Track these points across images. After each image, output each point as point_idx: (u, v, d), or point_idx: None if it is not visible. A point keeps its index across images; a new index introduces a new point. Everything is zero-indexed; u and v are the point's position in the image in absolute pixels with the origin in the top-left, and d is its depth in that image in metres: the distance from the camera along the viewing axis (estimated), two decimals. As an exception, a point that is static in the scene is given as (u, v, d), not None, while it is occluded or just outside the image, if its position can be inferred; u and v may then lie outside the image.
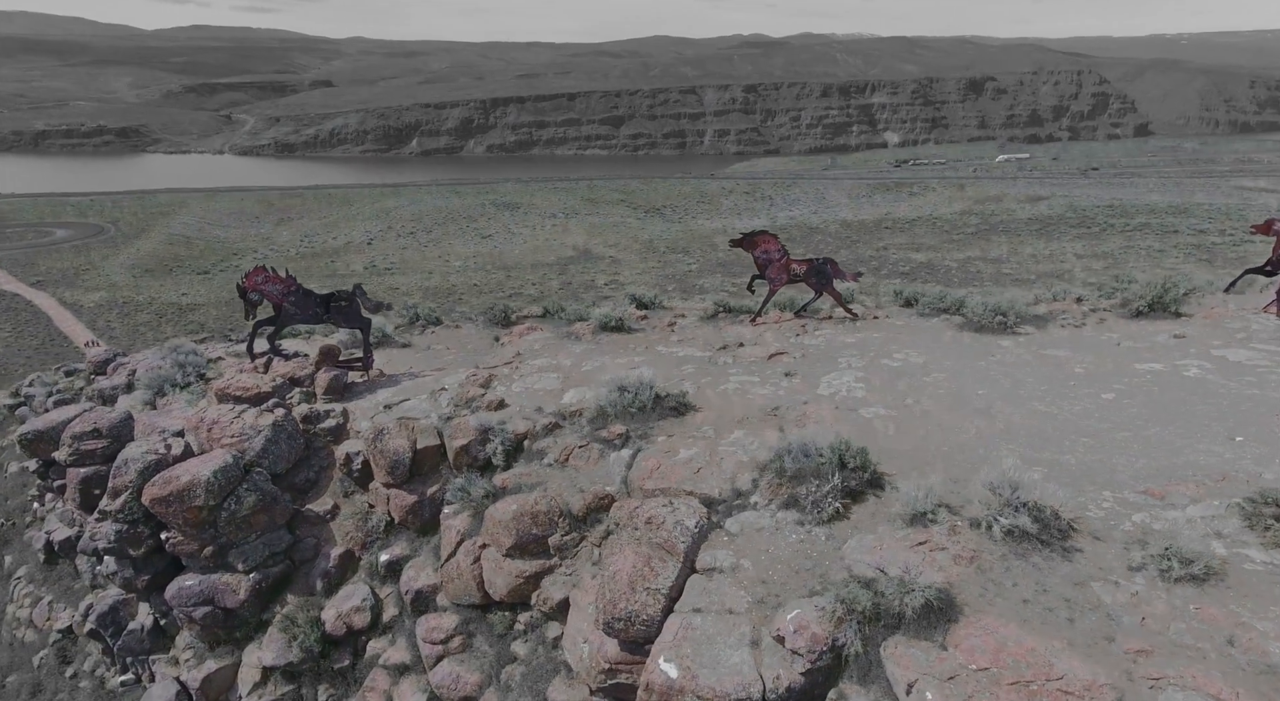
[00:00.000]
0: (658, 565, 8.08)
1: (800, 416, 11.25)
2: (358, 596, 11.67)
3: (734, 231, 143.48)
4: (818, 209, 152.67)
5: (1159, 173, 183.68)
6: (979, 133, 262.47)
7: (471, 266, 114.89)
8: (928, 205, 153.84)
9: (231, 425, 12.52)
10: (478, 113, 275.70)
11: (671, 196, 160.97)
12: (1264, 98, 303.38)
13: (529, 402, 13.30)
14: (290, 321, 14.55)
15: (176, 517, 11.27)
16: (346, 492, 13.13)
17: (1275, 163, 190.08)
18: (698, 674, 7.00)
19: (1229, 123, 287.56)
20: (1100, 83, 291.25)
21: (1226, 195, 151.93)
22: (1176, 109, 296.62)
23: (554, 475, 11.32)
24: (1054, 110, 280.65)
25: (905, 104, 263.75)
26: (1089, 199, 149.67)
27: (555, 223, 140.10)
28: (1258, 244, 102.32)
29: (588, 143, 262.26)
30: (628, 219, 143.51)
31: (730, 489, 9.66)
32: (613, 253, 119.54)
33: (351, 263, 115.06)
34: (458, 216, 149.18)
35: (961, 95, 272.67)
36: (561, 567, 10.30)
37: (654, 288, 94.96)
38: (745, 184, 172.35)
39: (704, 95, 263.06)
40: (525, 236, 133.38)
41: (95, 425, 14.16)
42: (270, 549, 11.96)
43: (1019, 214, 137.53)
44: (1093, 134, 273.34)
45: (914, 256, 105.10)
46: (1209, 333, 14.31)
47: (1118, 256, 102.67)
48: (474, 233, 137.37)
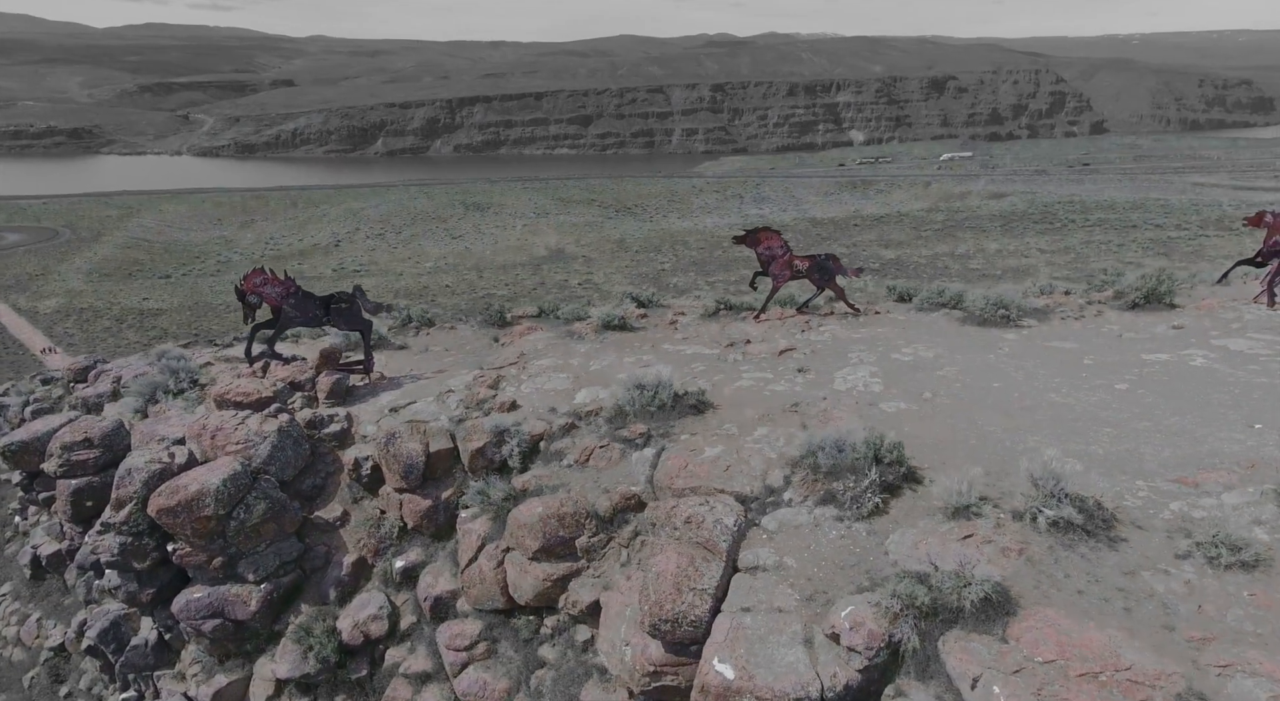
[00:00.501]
0: (701, 565, 7.98)
1: (821, 412, 11.24)
2: (374, 604, 11.39)
3: (705, 230, 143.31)
4: (787, 207, 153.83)
5: (1116, 169, 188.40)
6: (942, 131, 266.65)
7: (443, 267, 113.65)
8: (894, 202, 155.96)
9: (236, 432, 12.15)
10: (444, 112, 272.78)
11: (642, 196, 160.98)
12: (1211, 97, 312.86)
13: (541, 403, 13.11)
14: (290, 324, 14.17)
15: (184, 528, 10.89)
16: (355, 499, 12.83)
17: (1224, 159, 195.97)
18: (754, 674, 6.92)
19: (1179, 121, 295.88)
20: (1057, 82, 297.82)
21: (1180, 191, 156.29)
22: (1129, 107, 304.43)
23: (575, 476, 11.16)
24: (1013, 109, 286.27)
25: (870, 103, 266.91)
26: (1049, 195, 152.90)
27: (526, 223, 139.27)
28: (1211, 238, 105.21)
29: (556, 142, 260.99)
30: (599, 218, 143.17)
31: (762, 486, 9.60)
32: (585, 252, 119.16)
33: (319, 265, 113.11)
34: (427, 217, 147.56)
35: (924, 94, 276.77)
36: (589, 570, 10.15)
37: (628, 286, 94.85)
38: (715, 183, 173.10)
39: (671, 94, 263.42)
40: (496, 236, 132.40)
41: (86, 434, 13.66)
42: (281, 558, 11.62)
43: (983, 211, 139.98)
44: (1050, 132, 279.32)
45: (884, 253, 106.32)
46: (1205, 323, 14.62)
47: (1079, 251, 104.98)
48: (444, 233, 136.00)
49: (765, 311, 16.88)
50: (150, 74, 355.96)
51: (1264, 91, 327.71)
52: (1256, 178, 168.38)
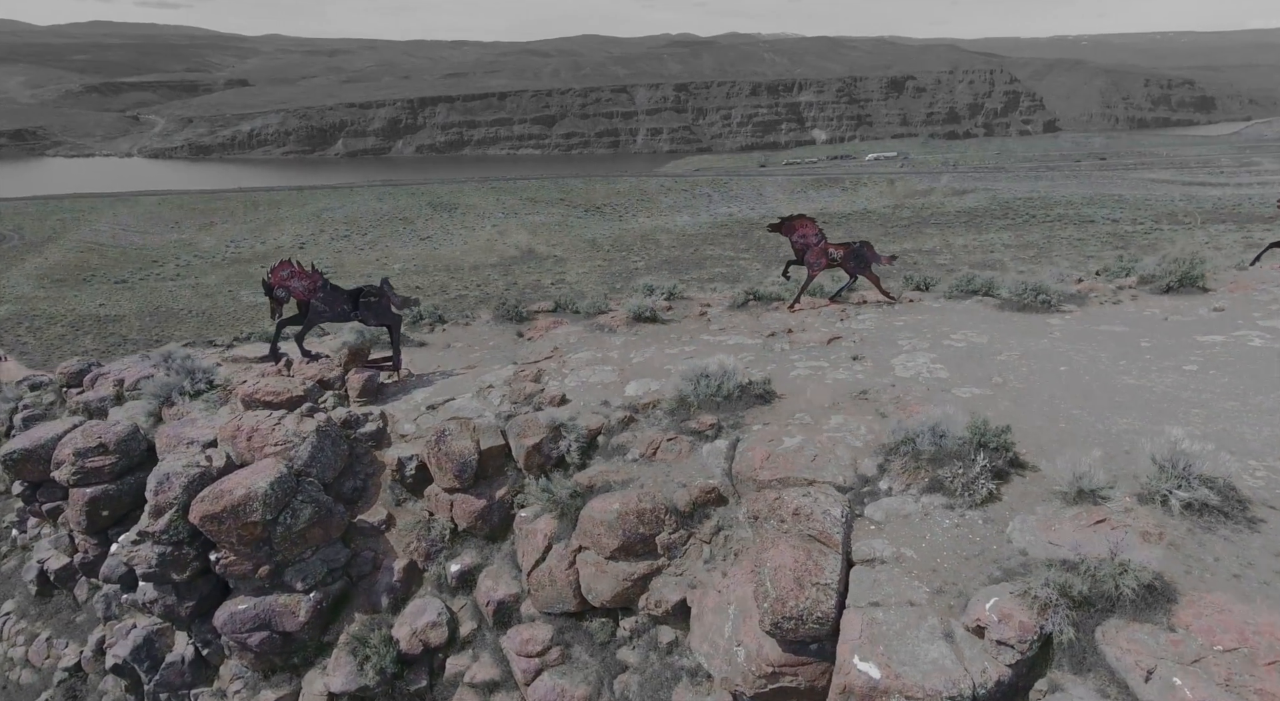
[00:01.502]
0: (819, 558, 7.58)
1: (894, 399, 10.93)
2: (432, 611, 10.78)
3: (675, 228, 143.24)
4: (756, 205, 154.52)
5: (1071, 166, 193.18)
6: (901, 130, 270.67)
7: (412, 268, 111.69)
8: (861, 200, 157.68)
9: (274, 432, 11.43)
10: (405, 112, 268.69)
11: (611, 195, 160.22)
12: (1157, 96, 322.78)
13: (589, 397, 12.62)
14: (318, 319, 13.45)
15: (229, 535, 10.16)
16: (398, 501, 12.18)
17: (1172, 156, 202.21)
18: (900, 672, 6.54)
19: (1127, 119, 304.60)
20: (1011, 82, 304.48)
21: (1133, 187, 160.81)
22: (1080, 106, 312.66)
23: (643, 471, 10.69)
24: (970, 108, 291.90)
25: (831, 102, 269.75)
26: (1011, 192, 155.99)
27: (495, 223, 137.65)
28: (1165, 231, 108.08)
29: (520, 142, 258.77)
30: (568, 218, 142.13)
31: (854, 476, 9.24)
32: (556, 252, 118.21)
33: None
34: (393, 218, 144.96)
35: (884, 94, 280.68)
36: (670, 567, 9.69)
37: (602, 286, 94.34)
38: (683, 181, 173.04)
39: (636, 94, 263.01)
40: (465, 237, 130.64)
41: (100, 440, 12.79)
42: (328, 565, 10.95)
43: (948, 207, 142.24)
44: (1006, 130, 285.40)
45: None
46: (1244, 305, 14.68)
47: (1042, 246, 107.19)
48: (411, 234, 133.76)
49: (800, 301, 16.58)
50: (97, 73, 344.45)
51: (1205, 91, 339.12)
52: (1202, 174, 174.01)
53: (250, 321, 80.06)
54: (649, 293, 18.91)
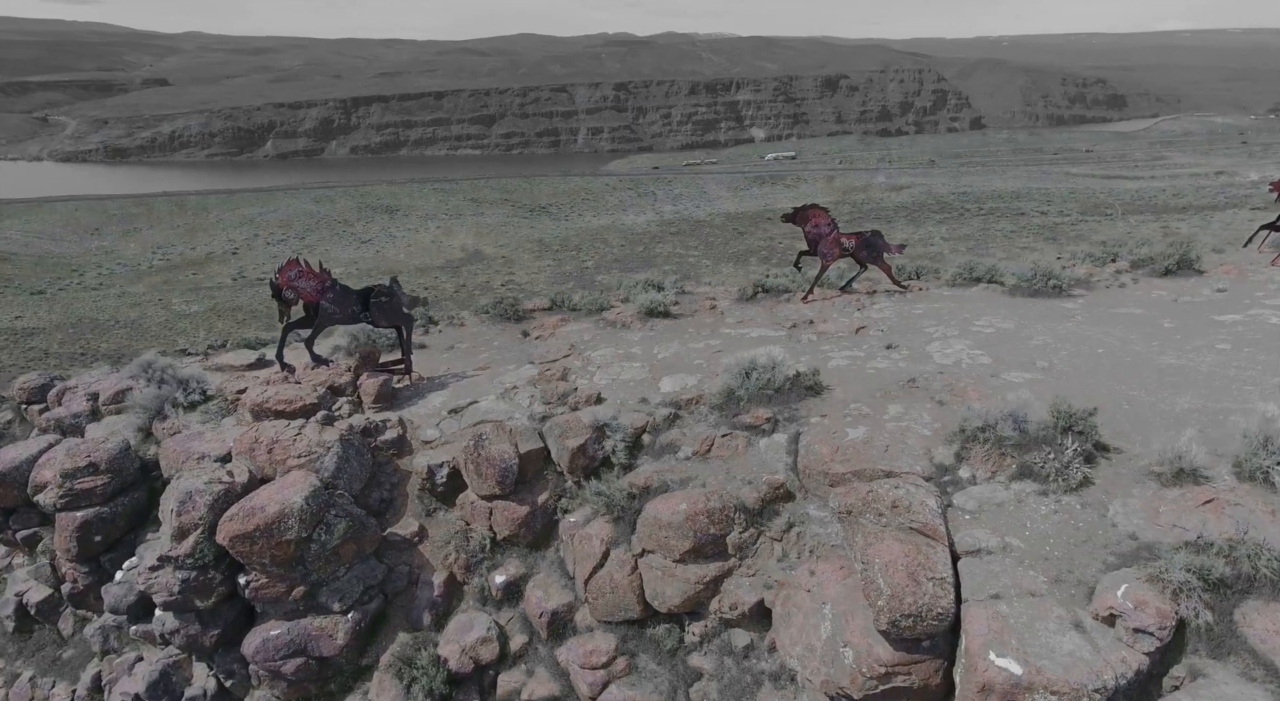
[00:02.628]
0: (928, 552, 7.32)
1: (947, 387, 10.79)
2: (480, 626, 10.15)
3: (624, 227, 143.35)
4: (700, 203, 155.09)
5: (999, 161, 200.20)
6: (837, 127, 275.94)
7: (354, 272, 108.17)
8: (803, 196, 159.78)
9: (296, 443, 10.61)
10: (338, 113, 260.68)
11: (556, 195, 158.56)
12: (1073, 94, 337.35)
13: (624, 394, 12.16)
14: (328, 322, 12.61)
15: (262, 556, 9.34)
16: (428, 511, 11.49)
17: (1091, 151, 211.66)
18: (1040, 666, 6.31)
19: (1047, 116, 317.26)
20: (939, 80, 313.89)
21: (1057, 181, 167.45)
22: (1003, 104, 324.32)
23: (700, 469, 10.29)
24: (901, 106, 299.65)
25: (768, 101, 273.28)
26: (944, 187, 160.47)
27: (439, 224, 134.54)
28: (1090, 223, 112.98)
29: (459, 143, 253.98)
30: (514, 218, 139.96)
31: (930, 465, 9.04)
32: (504, 253, 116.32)
33: (217, 274, 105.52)
34: (331, 221, 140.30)
35: (819, 92, 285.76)
36: (741, 568, 9.32)
37: (553, 286, 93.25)
38: (628, 180, 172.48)
39: (575, 93, 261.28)
40: (408, 239, 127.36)
41: (90, 459, 11.70)
42: (365, 583, 10.21)
43: (886, 202, 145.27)
44: (935, 127, 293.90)
45: (799, 244, 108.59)
46: (1243, 286, 15.13)
47: (978, 238, 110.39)
48: (351, 237, 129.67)
49: (813, 292, 16.40)
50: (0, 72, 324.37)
51: (1116, 89, 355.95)
52: (1119, 167, 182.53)
53: (184, 331, 76.36)
54: (657, 288, 18.48)
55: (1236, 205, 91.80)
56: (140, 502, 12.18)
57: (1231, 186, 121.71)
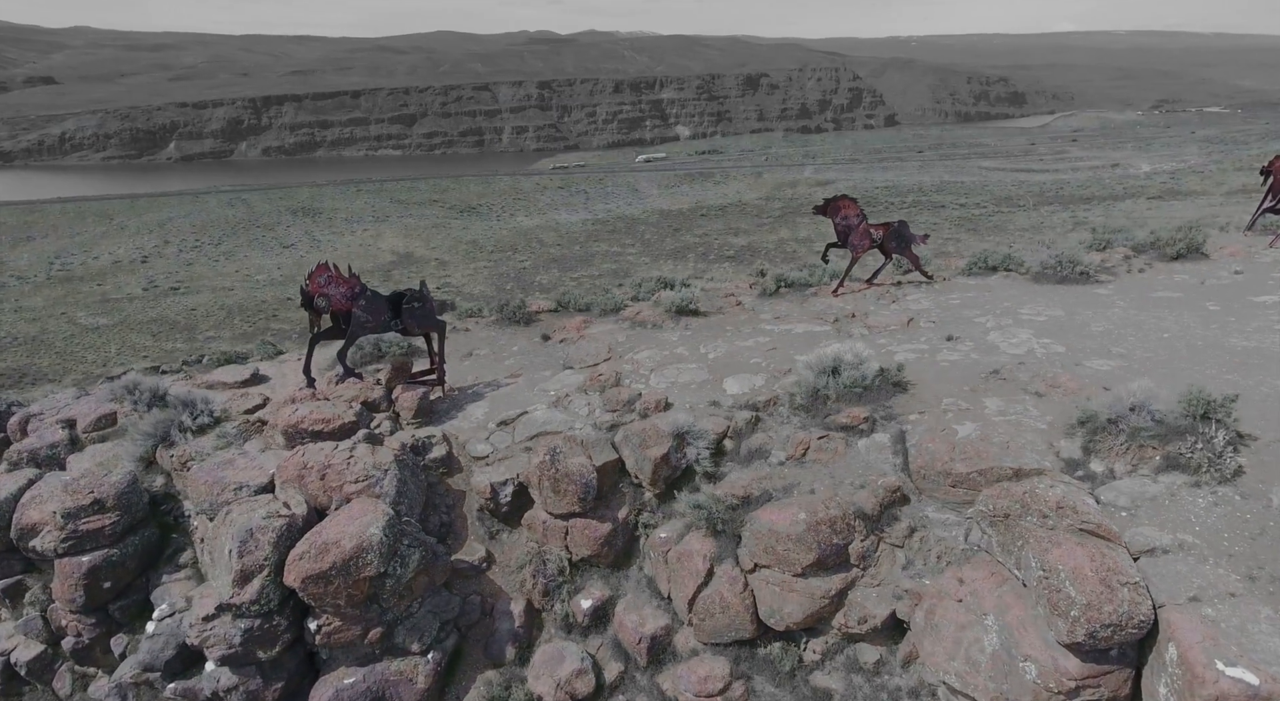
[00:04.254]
0: (1112, 555, 6.92)
1: (1036, 378, 10.52)
2: (572, 657, 9.29)
3: (558, 226, 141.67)
4: (633, 201, 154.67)
5: (916, 157, 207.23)
6: (759, 125, 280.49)
7: (278, 279, 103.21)
8: (733, 192, 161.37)
9: (350, 467, 9.49)
10: (247, 112, 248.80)
11: (486, 195, 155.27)
12: (978, 92, 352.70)
13: (690, 398, 11.47)
14: (361, 331, 11.45)
15: (338, 596, 8.24)
16: (491, 534, 10.54)
17: (998, 146, 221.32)
18: (1275, 674, 5.96)
19: (955, 113, 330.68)
20: (854, 79, 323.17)
21: (970, 174, 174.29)
22: (914, 102, 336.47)
23: (800, 474, 9.71)
24: (819, 104, 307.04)
25: (692, 99, 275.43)
26: (868, 182, 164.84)
27: (366, 227, 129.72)
28: (1005, 214, 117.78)
29: (378, 143, 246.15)
30: (444, 220, 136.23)
31: (1058, 460, 8.70)
32: (437, 255, 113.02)
33: (125, 284, 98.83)
34: (250, 225, 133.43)
35: (741, 91, 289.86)
36: (865, 578, 8.78)
37: (491, 287, 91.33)
38: (558, 179, 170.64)
39: (498, 92, 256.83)
40: (334, 243, 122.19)
41: (95, 495, 10.26)
42: (440, 617, 9.21)
43: (815, 197, 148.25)
44: (853, 125, 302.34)
45: (734, 240, 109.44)
46: (1256, 268, 15.54)
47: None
48: (273, 242, 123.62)
49: (844, 284, 16.04)
50: None
51: (1017, 87, 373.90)
52: (1026, 161, 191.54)
53: (93, 347, 71.16)
54: (669, 286, 17.81)
55: (1134, 195, 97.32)
56: (152, 542, 10.79)
57: (1128, 178, 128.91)
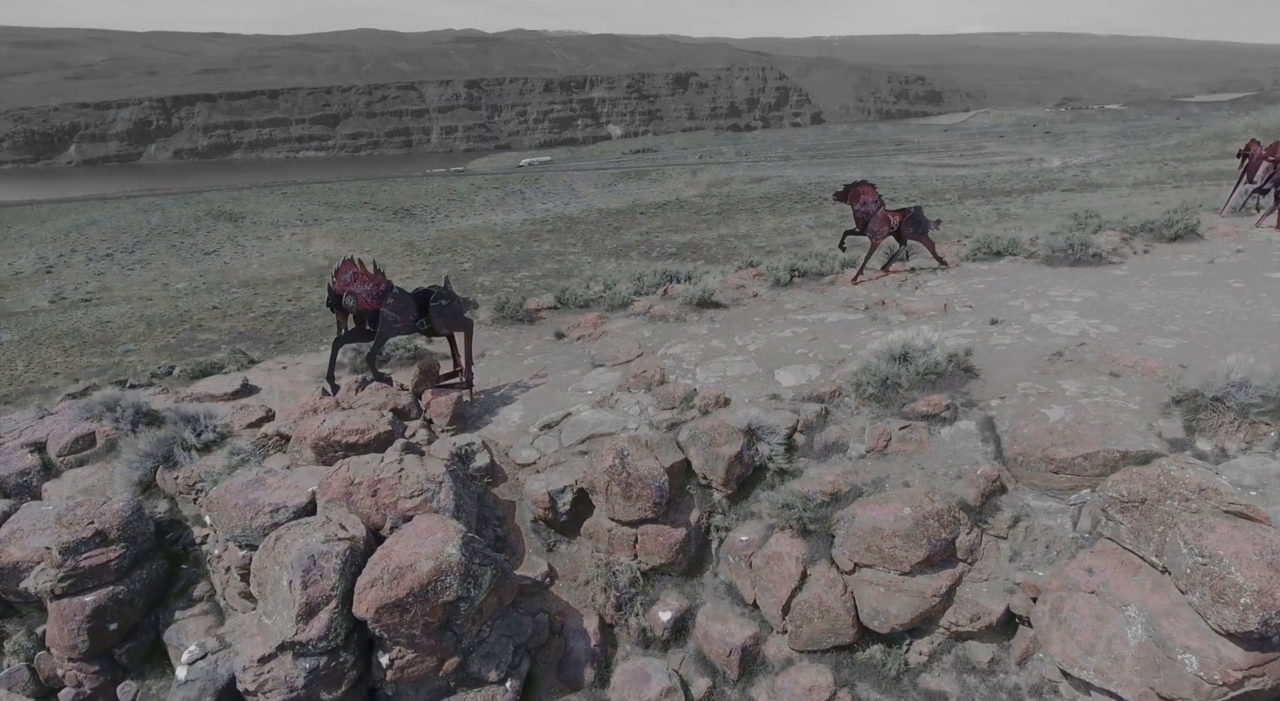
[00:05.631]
0: (1269, 537, 6.65)
1: (1103, 358, 10.34)
2: (658, 675, 8.58)
3: (495, 227, 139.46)
4: (570, 200, 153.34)
5: (844, 153, 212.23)
6: (690, 123, 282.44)
7: (201, 287, 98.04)
8: (670, 190, 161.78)
9: (402, 481, 8.54)
10: (156, 113, 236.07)
11: (419, 196, 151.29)
12: (898, 91, 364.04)
13: (745, 392, 10.91)
14: (391, 332, 10.45)
15: (413, 625, 7.32)
16: (549, 546, 9.73)
17: (921, 143, 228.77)
18: None
19: (877, 111, 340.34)
20: (781, 78, 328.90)
21: (896, 170, 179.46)
22: (838, 100, 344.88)
23: (885, 467, 9.25)
24: (748, 102, 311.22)
25: (623, 98, 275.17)
26: (801, 178, 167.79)
27: (294, 231, 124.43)
28: (933, 208, 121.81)
29: (300, 145, 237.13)
30: (378, 222, 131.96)
31: (1161, 440, 8.47)
32: (372, 258, 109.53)
33: (29, 296, 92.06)
34: (166, 231, 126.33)
35: (671, 89, 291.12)
36: (972, 573, 8.36)
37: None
38: (493, 179, 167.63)
39: (425, 91, 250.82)
40: (261, 248, 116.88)
41: (96, 526, 9.01)
42: (514, 640, 8.36)
43: (750, 194, 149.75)
44: (780, 123, 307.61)
45: (675, 237, 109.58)
46: (1253, 246, 15.94)
47: (839, 225, 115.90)
48: (193, 249, 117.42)
49: (863, 272, 15.73)
50: None
51: (934, 86, 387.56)
52: (947, 157, 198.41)
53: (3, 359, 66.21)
54: (673, 279, 17.20)
55: (1050, 188, 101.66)
56: (160, 575, 9.58)
57: (1043, 172, 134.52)
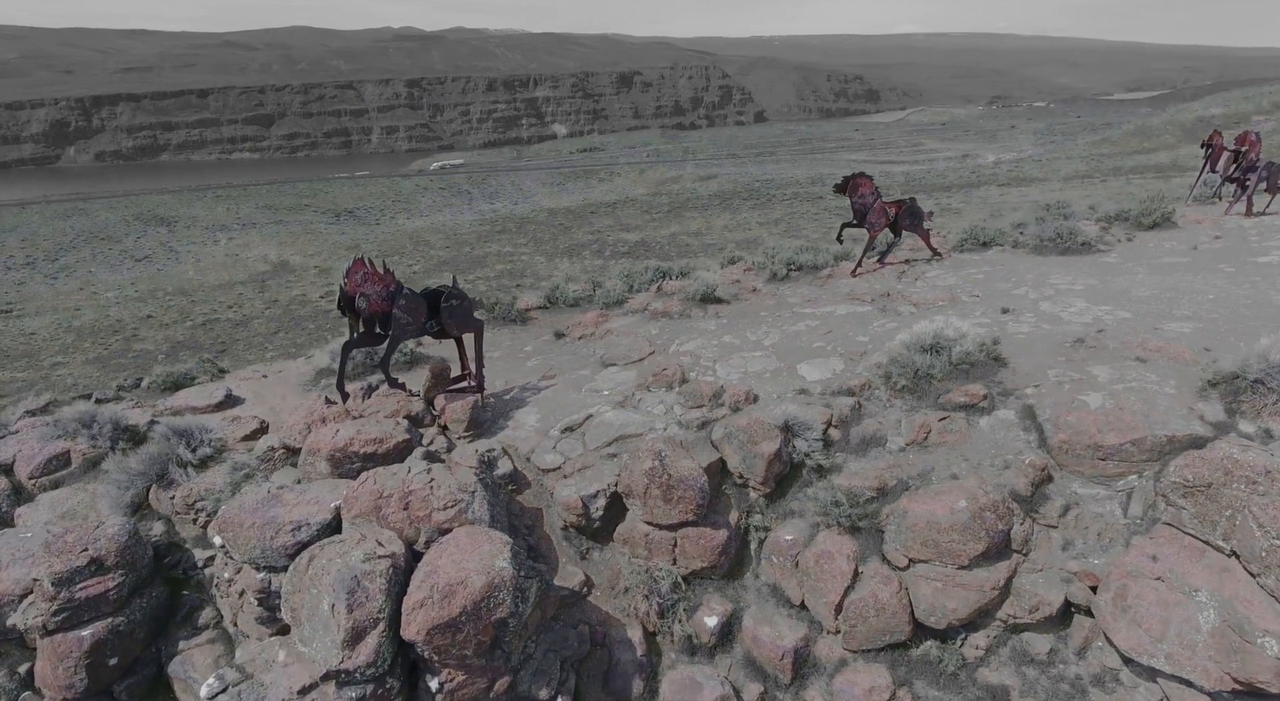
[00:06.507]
0: (1336, 514, 6.68)
1: (1126, 344, 10.40)
2: (710, 685, 8.25)
3: (443, 228, 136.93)
4: (519, 200, 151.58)
5: (789, 151, 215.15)
6: (635, 122, 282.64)
7: (133, 296, 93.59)
8: (619, 189, 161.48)
9: (434, 493, 8.01)
10: (75, 114, 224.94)
11: (362, 197, 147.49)
12: (838, 89, 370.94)
13: (770, 387, 10.65)
14: (404, 335, 9.85)
15: (465, 646, 6.82)
16: (582, 553, 9.30)
17: (862, 140, 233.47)
18: None
19: (818, 110, 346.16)
20: (724, 77, 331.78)
21: (840, 167, 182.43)
22: (780, 99, 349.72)
23: (928, 459, 9.09)
24: (692, 101, 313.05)
25: (567, 97, 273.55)
26: (748, 176, 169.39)
27: (232, 235, 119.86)
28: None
29: (232, 146, 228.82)
30: (318, 224, 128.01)
31: (1204, 423, 8.50)
32: (317, 262, 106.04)
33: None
34: (91, 237, 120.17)
35: (615, 88, 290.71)
36: (1026, 564, 8.26)
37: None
38: (438, 180, 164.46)
39: (364, 90, 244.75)
40: (197, 254, 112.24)
41: (91, 553, 8.24)
42: (559, 655, 7.93)
43: (699, 192, 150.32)
44: (724, 121, 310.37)
45: (626, 236, 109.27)
46: (1228, 233, 16.41)
47: (789, 221, 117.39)
48: (123, 256, 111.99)
49: (862, 264, 15.65)
50: None
51: (872, 85, 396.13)
52: (887, 153, 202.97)
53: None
54: (665, 276, 16.88)
55: (987, 183, 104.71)
56: (161, 603, 8.83)
57: (980, 167, 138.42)
